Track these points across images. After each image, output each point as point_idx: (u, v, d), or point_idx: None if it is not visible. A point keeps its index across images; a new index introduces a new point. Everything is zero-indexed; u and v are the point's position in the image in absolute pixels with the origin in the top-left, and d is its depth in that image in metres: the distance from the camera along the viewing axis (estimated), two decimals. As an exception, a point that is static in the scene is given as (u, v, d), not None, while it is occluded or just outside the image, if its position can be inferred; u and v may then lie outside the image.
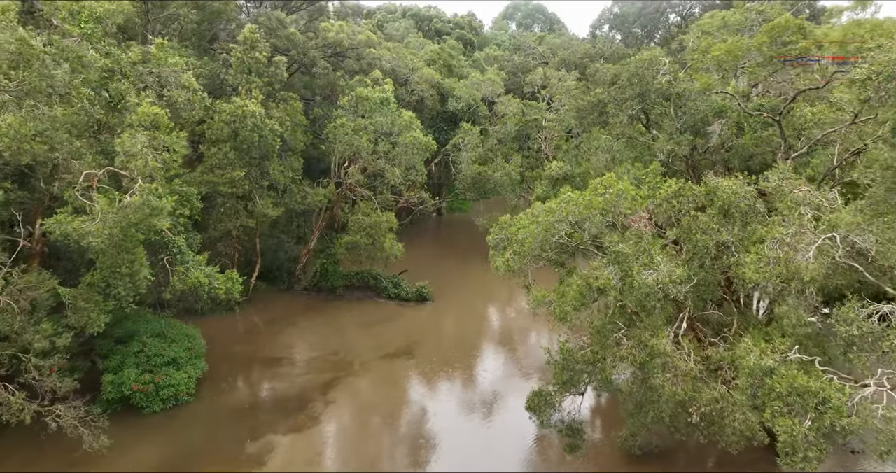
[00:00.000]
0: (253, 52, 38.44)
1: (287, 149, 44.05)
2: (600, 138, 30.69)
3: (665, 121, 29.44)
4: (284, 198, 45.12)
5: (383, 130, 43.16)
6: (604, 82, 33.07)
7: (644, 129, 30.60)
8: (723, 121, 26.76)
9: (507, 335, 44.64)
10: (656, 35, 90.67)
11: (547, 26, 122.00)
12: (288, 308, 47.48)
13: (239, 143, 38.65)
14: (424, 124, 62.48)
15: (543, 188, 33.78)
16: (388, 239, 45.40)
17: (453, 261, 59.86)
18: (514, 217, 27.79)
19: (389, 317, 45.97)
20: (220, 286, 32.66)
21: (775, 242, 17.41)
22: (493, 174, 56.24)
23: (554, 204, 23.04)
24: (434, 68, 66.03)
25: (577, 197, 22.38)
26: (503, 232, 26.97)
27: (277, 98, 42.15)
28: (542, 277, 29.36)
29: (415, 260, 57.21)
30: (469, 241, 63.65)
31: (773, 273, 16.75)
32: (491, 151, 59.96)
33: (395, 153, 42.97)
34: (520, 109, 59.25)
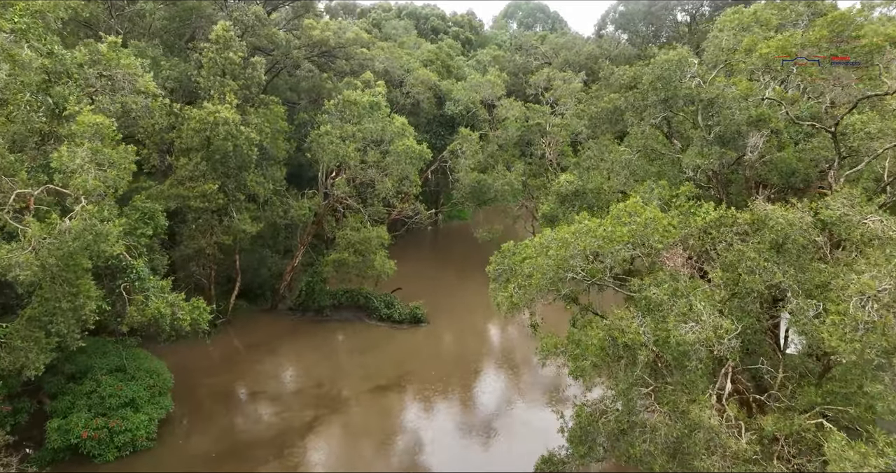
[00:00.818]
0: (226, 52, 34.54)
1: (267, 158, 40.14)
2: (617, 150, 26.88)
3: (691, 131, 25.56)
4: (265, 211, 41.25)
5: (373, 138, 39.26)
6: (620, 86, 29.25)
7: (666, 140, 26.75)
8: (764, 132, 22.92)
9: (509, 360, 40.71)
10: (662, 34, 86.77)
11: (548, 26, 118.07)
12: (270, 330, 43.58)
13: (211, 153, 34.77)
14: (420, 129, 58.70)
15: (551, 205, 29.84)
16: (378, 257, 41.52)
17: (451, 275, 55.95)
18: (518, 243, 23.87)
19: (380, 342, 42.06)
20: (184, 317, 28.78)
21: (864, 299, 13.54)
22: (493, 183, 52.35)
23: (567, 233, 19.15)
24: (431, 69, 62.21)
25: (596, 226, 18.49)
26: (506, 261, 23.07)
27: (255, 102, 38.26)
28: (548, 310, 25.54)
29: (409, 276, 53.32)
30: (468, 253, 59.84)
31: (866, 342, 12.90)
32: (491, 158, 56.04)
33: (386, 163, 39.08)
34: (522, 113, 55.32)
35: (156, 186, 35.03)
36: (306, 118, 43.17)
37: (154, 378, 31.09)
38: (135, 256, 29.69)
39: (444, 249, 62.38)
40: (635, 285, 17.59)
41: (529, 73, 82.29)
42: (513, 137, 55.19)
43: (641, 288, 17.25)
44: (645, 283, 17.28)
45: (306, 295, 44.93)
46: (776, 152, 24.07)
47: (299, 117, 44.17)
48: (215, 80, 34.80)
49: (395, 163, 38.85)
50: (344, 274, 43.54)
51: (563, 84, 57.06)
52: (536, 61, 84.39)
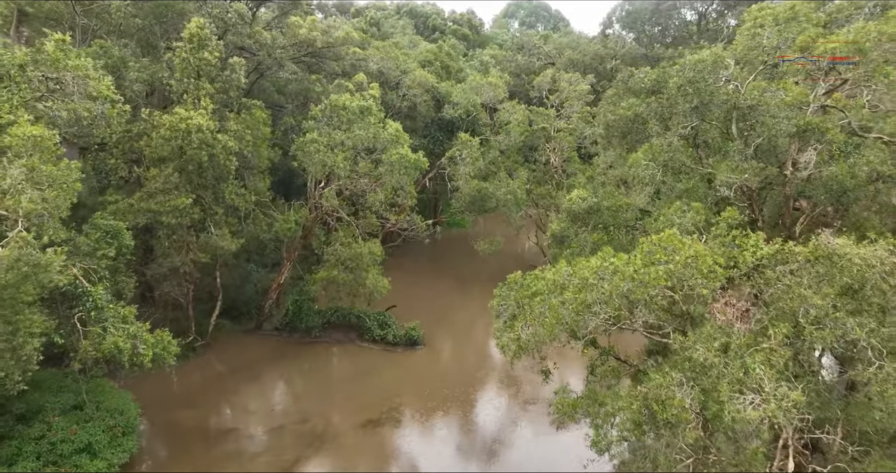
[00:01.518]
0: (201, 52, 31.18)
1: (249, 167, 36.82)
2: (638, 163, 23.61)
3: (723, 142, 22.27)
4: (247, 225, 37.88)
5: (364, 146, 35.90)
6: (640, 90, 25.92)
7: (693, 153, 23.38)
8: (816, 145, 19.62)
9: (514, 390, 37.29)
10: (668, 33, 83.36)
11: (550, 25, 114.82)
12: (254, 353, 40.20)
13: (184, 164, 31.43)
14: (417, 133, 55.39)
15: (561, 224, 26.49)
16: (371, 274, 38.16)
17: (449, 290, 52.53)
18: (526, 274, 20.55)
19: (373, 367, 38.69)
20: (145, 351, 25.41)
21: None
22: (495, 192, 49.02)
23: (588, 272, 15.77)
24: (430, 70, 58.85)
25: (624, 264, 15.13)
26: (512, 295, 19.73)
27: (235, 107, 34.91)
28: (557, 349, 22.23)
29: (405, 290, 49.93)
30: (467, 265, 56.49)
31: None
32: (492, 164, 52.72)
33: (378, 173, 35.73)
34: (525, 117, 52.00)
35: (123, 200, 31.67)
36: (293, 123, 39.76)
37: (116, 417, 27.69)
38: (94, 281, 26.41)
39: (442, 260, 58.95)
40: (676, 342, 14.25)
41: (532, 73, 79.12)
42: (516, 143, 51.88)
43: (684, 347, 13.91)
44: (688, 341, 13.94)
45: (293, 315, 41.56)
46: (825, 167, 20.71)
47: (285, 122, 40.81)
48: (189, 83, 31.45)
49: (389, 174, 35.51)
50: (334, 291, 40.20)
51: (568, 86, 53.73)
52: (539, 61, 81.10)
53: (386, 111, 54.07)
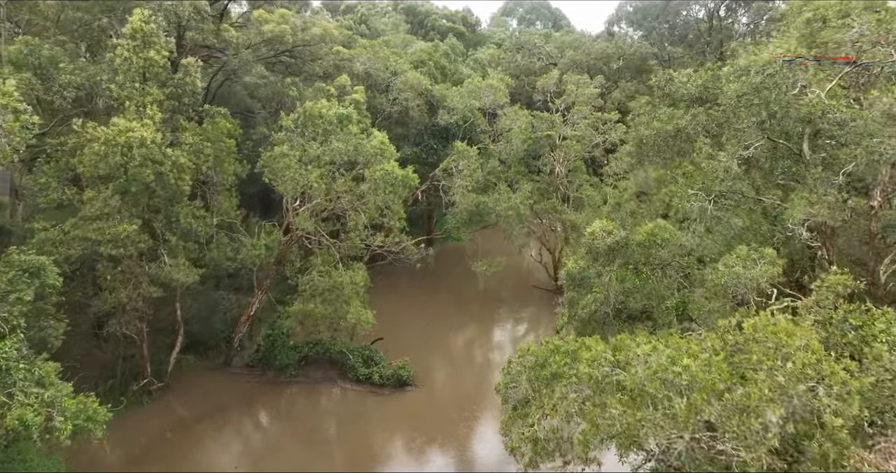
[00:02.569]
0: (147, 51, 26.08)
1: (211, 184, 31.76)
2: (682, 191, 18.76)
3: (798, 167, 17.35)
4: (210, 251, 32.77)
5: (344, 160, 30.84)
6: (682, 98, 20.96)
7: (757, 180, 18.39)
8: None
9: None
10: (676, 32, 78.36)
11: (550, 23, 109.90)
12: (221, 396, 35.10)
13: (126, 184, 26.33)
14: (409, 141, 50.35)
15: (579, 262, 21.44)
16: (353, 307, 33.12)
17: (445, 314, 47.49)
18: (542, 341, 15.55)
19: (356, 414, 33.65)
20: (62, 425, 20.28)
21: None
22: (494, 206, 43.99)
23: (645, 372, 10.71)
24: (423, 71, 53.78)
25: (702, 367, 10.09)
26: (524, 375, 14.72)
27: (191, 116, 29.82)
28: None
29: (395, 316, 44.92)
30: (465, 283, 51.43)
31: None
32: (492, 175, 47.70)
33: (359, 191, 30.67)
34: (528, 124, 46.97)
35: (53, 228, 26.56)
36: (266, 133, 34.61)
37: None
38: (3, 332, 21.37)
39: (437, 279, 53.75)
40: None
41: (532, 74, 74.14)
42: (518, 152, 46.86)
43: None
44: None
45: (266, 351, 36.44)
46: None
47: (257, 131, 35.70)
48: (132, 88, 26.33)
49: (372, 193, 30.43)
50: (312, 324, 35.11)
51: (576, 89, 48.71)
52: (540, 62, 76.09)
53: (374, 117, 49.06)
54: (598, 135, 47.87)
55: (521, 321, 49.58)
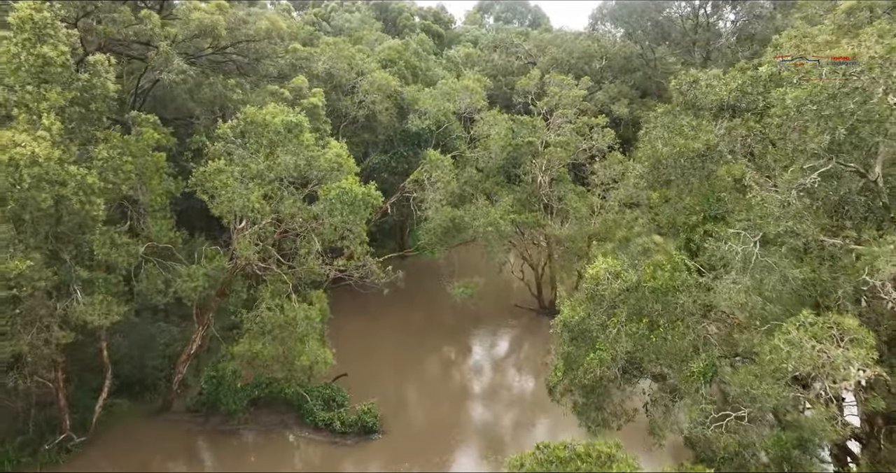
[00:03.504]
0: (39, 47, 21.10)
1: (136, 205, 26.84)
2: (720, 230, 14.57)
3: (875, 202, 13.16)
4: (139, 283, 27.81)
5: (294, 176, 26.09)
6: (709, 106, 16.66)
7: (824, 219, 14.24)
8: None
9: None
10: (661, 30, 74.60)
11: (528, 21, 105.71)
12: (155, 447, 30.22)
13: (18, 210, 21.35)
14: (378, 148, 45.74)
15: (578, 311, 17.02)
16: (308, 345, 28.39)
17: (417, 342, 42.95)
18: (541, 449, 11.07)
19: (313, 470, 28.95)
20: None
21: None
22: (472, 222, 39.50)
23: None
24: (393, 71, 49.15)
25: None
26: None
27: (105, 125, 24.84)
28: None
29: (362, 344, 40.38)
30: (441, 303, 46.86)
31: None
32: (468, 185, 43.19)
33: (313, 213, 25.95)
34: (508, 129, 42.54)
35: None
36: (203, 142, 29.64)
37: None
38: None
39: (408, 300, 49.00)
40: None
41: (511, 74, 69.92)
42: (497, 160, 42.40)
43: None
44: None
45: (209, 395, 31.54)
46: None
47: (194, 141, 30.76)
48: (23, 92, 21.33)
49: (328, 214, 25.72)
50: (262, 364, 30.25)
51: (559, 90, 44.44)
52: (519, 61, 71.93)
53: (339, 121, 44.41)
54: (584, 140, 43.64)
55: (502, 345, 45.21)
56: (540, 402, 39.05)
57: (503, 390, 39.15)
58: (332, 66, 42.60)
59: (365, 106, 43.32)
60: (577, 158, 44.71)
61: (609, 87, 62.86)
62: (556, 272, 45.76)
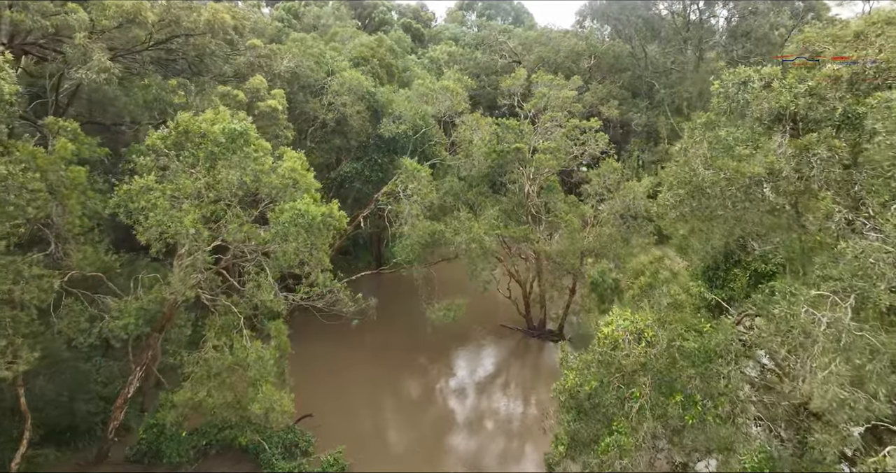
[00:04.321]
0: None
1: (53, 229, 22.51)
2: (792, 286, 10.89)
3: None
4: (59, 320, 23.46)
5: (239, 195, 21.91)
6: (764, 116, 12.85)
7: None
8: None
9: None
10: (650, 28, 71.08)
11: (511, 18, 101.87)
12: (86, 509, 25.90)
13: None
14: (349, 155, 41.63)
15: (590, 381, 13.15)
16: (263, 390, 24.19)
17: (394, 367, 38.98)
18: None
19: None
20: None
21: None
22: (453, 237, 35.55)
23: None
24: (366, 70, 45.06)
25: None
26: None
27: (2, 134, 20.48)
28: None
29: (331, 375, 36.37)
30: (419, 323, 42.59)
31: None
32: (449, 196, 39.24)
33: (262, 238, 21.77)
34: (493, 134, 38.63)
35: None
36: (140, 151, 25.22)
37: None
38: None
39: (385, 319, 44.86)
40: None
41: (495, 74, 66.14)
42: (480, 169, 38.48)
43: None
44: None
45: (150, 444, 27.24)
46: None
47: (132, 150, 26.39)
48: None
49: (281, 239, 21.58)
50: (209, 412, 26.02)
51: (548, 91, 40.61)
52: (503, 59, 68.15)
53: (306, 126, 40.26)
54: (576, 146, 39.86)
55: (488, 370, 41.23)
56: (528, 431, 35.48)
57: (489, 419, 35.50)
58: (298, 64, 38.38)
59: (335, 108, 39.17)
60: (569, 165, 40.95)
61: (598, 88, 59.31)
62: (545, 290, 41.96)
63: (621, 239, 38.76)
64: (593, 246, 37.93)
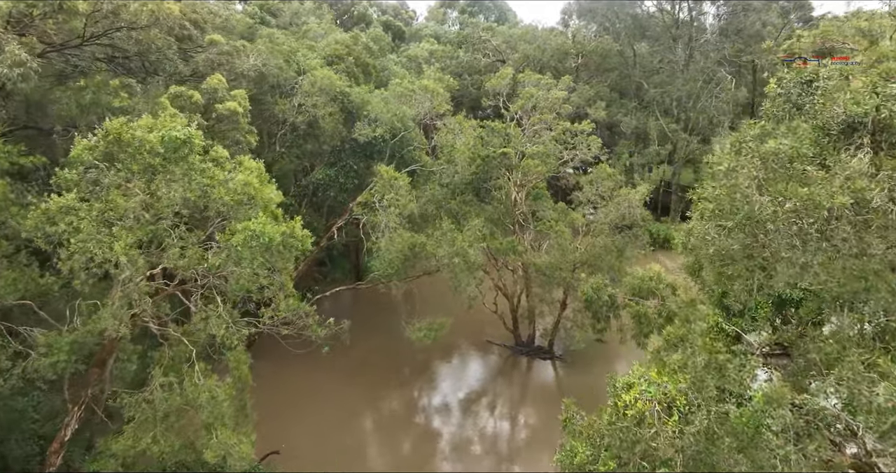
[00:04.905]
0: None
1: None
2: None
3: None
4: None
5: (185, 212, 18.83)
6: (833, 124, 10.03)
7: None
8: None
9: None
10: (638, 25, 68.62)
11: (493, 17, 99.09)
12: None
13: None
14: (322, 160, 38.61)
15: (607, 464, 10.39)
16: (216, 436, 21.13)
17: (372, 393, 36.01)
18: None
19: None
20: None
21: None
22: (435, 250, 32.65)
23: None
24: (341, 69, 42.03)
25: None
26: None
27: None
28: None
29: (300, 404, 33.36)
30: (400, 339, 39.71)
31: None
32: (431, 204, 36.34)
33: (212, 263, 18.68)
34: (477, 139, 35.79)
35: None
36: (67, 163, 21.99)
37: None
38: None
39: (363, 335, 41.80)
40: None
41: (478, 73, 63.40)
42: (464, 175, 35.63)
43: None
44: None
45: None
46: None
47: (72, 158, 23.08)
48: None
49: (233, 263, 18.52)
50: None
51: (536, 91, 37.87)
52: (486, 58, 65.38)
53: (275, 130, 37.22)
54: (566, 150, 37.16)
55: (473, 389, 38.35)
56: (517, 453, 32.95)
57: (475, 442, 32.94)
58: (265, 62, 35.27)
59: (305, 110, 36.10)
60: (558, 171, 38.24)
61: (584, 88, 56.72)
62: (534, 304, 39.19)
63: (616, 251, 36.15)
64: (586, 258, 35.23)
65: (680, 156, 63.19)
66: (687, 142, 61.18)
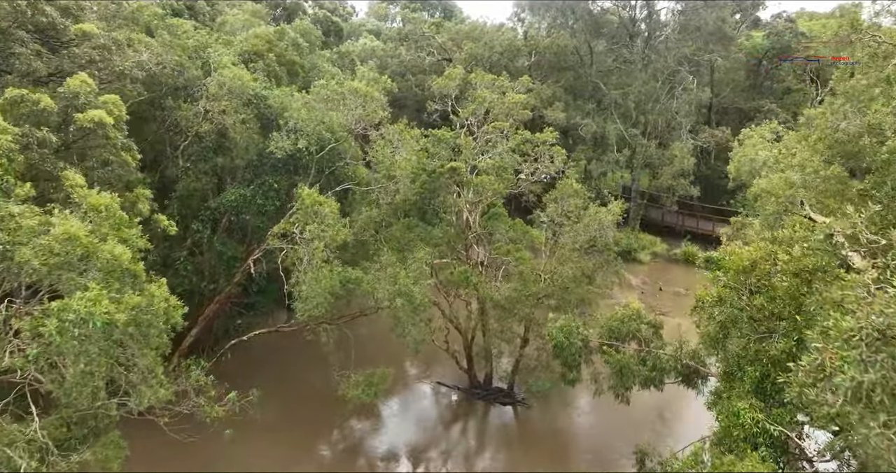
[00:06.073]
0: None
1: None
2: None
3: None
4: None
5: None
6: None
7: None
8: None
9: None
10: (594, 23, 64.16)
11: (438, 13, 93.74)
12: None
13: None
14: (234, 180, 32.27)
15: None
16: None
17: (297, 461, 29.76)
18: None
19: None
20: None
21: None
22: (373, 289, 26.80)
23: None
24: (259, 67, 35.76)
25: None
26: None
27: None
28: None
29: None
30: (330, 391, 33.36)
31: None
32: (368, 229, 30.47)
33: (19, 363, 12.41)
34: (422, 151, 30.12)
35: None
36: None
37: None
38: None
39: (293, 384, 35.30)
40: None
41: (422, 73, 57.84)
42: (407, 194, 29.83)
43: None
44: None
45: None
46: None
47: None
48: None
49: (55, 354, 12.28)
50: None
51: (489, 94, 32.43)
52: (431, 57, 59.83)
53: (177, 140, 30.77)
54: (525, 163, 31.86)
55: (420, 440, 32.49)
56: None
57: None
58: (159, 59, 28.70)
59: (212, 117, 29.69)
60: (517, 187, 32.91)
61: (541, 89, 51.78)
62: (491, 341, 33.70)
63: (586, 278, 31.07)
64: (551, 290, 30.01)
65: (639, 162, 59.09)
66: (645, 147, 57.15)
